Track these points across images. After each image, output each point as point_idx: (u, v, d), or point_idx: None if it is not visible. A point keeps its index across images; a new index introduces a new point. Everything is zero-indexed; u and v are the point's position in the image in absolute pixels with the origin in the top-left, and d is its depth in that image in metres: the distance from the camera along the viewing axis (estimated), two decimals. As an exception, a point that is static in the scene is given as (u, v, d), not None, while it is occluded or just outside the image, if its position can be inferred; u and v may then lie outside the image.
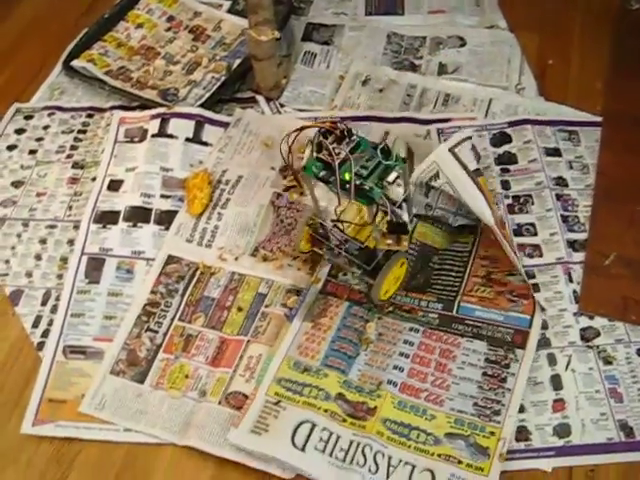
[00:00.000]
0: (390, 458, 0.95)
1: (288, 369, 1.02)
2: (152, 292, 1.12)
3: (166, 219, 1.19)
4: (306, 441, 0.96)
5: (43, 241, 1.21)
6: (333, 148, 0.90)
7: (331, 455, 0.95)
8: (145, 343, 1.07)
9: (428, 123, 1.28)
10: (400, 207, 0.97)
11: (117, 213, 1.21)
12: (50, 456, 1.00)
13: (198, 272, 1.13)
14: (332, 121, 0.92)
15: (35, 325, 1.11)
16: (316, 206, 1.04)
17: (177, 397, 1.01)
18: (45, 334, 1.10)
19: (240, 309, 1.08)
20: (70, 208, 1.25)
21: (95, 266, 1.16)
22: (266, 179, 1.22)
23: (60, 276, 1.16)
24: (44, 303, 1.13)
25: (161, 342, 1.07)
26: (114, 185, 1.25)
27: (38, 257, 1.19)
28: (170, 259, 1.15)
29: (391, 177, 0.91)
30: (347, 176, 0.90)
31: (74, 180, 1.29)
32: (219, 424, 0.98)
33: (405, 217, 0.99)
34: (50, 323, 1.11)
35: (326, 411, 0.98)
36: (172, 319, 1.09)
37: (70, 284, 1.14)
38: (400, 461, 0.94)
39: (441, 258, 1.13)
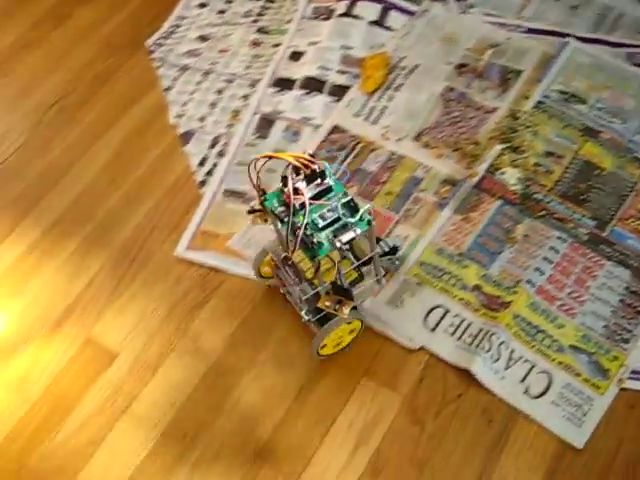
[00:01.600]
0: (512, 352, 0.96)
1: (431, 254, 1.05)
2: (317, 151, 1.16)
3: (338, 92, 1.23)
4: (437, 324, 0.99)
5: (219, 92, 1.27)
6: (295, 189, 0.81)
7: (459, 339, 0.97)
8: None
9: (619, 46, 1.24)
10: (364, 265, 0.92)
11: (293, 81, 1.25)
12: (196, 280, 1.08)
13: (360, 145, 1.16)
14: (308, 158, 0.82)
15: (201, 164, 1.18)
16: (279, 238, 0.92)
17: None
18: (209, 173, 1.17)
19: (393, 189, 1.11)
20: (249, 67, 1.30)
21: (265, 124, 1.21)
22: (441, 72, 1.23)
23: (230, 125, 1.22)
24: (212, 147, 1.20)
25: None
26: (295, 56, 1.29)
27: (213, 105, 1.26)
28: (335, 129, 1.18)
29: (345, 237, 0.82)
30: (302, 219, 0.81)
31: (256, 43, 1.33)
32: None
33: (368, 281, 0.93)
34: (215, 165, 1.17)
35: (461, 299, 1.00)
36: (327, 183, 1.12)
37: (240, 135, 1.20)
38: (521, 357, 0.96)
39: (604, 179, 1.11)
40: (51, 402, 1.02)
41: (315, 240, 0.82)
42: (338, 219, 0.83)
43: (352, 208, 0.84)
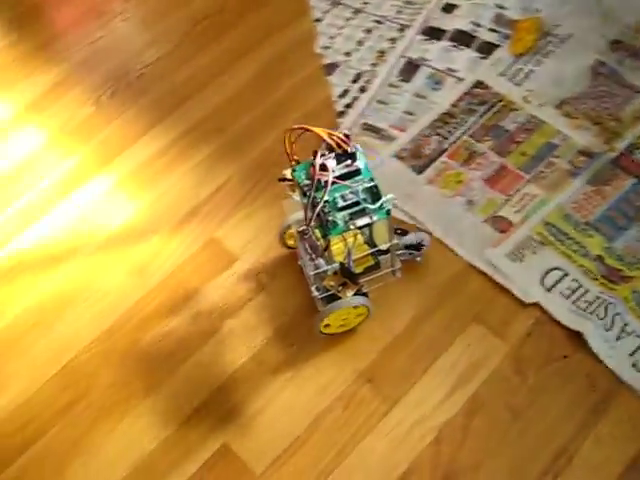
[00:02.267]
0: (626, 324, 0.96)
1: (558, 218, 1.05)
2: (453, 105, 1.17)
3: (486, 49, 1.23)
4: (554, 285, 0.99)
5: (368, 31, 1.29)
6: (322, 165, 0.81)
7: (574, 303, 0.98)
8: (432, 144, 1.13)
9: None
10: (381, 254, 0.91)
11: (443, 32, 1.26)
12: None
13: (500, 104, 1.17)
14: (342, 137, 0.82)
15: (341, 96, 1.21)
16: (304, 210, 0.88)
17: (447, 195, 1.07)
18: (348, 106, 1.19)
19: (528, 150, 1.11)
20: (399, 12, 1.31)
21: (409, 69, 1.23)
22: (594, 45, 1.22)
23: (375, 65, 1.24)
24: (354, 81, 1.23)
25: (446, 148, 1.13)
26: (448, 8, 1.30)
27: (360, 43, 1.28)
28: (478, 84, 1.19)
29: (360, 222, 0.82)
30: (326, 197, 0.81)
31: (410, -7, 1.35)
32: (478, 238, 1.04)
33: (383, 270, 0.93)
34: (355, 99, 1.20)
35: (581, 266, 1.01)
36: (463, 133, 1.14)
37: (384, 75, 1.22)
38: (634, 331, 0.96)
39: None
40: (167, 292, 1.07)
41: (330, 219, 0.82)
42: (358, 203, 0.83)
43: (375, 195, 0.83)
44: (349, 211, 0.83)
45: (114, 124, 1.27)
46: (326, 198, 0.81)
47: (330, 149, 0.83)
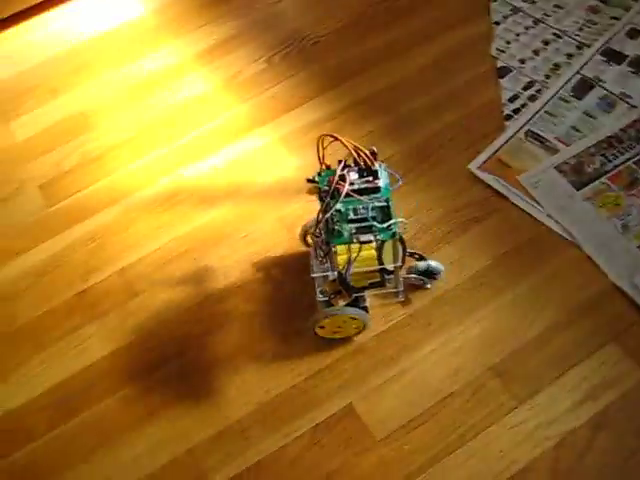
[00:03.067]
0: None
1: None
2: (622, 130, 1.18)
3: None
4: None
5: (545, 42, 1.31)
6: (342, 176, 0.84)
7: None
8: (595, 163, 1.14)
9: None
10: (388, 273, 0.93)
11: (624, 56, 1.27)
12: (477, 198, 1.13)
13: (670, 139, 1.17)
14: (368, 154, 0.85)
15: (511, 100, 1.23)
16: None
17: (603, 216, 1.08)
18: (516, 112, 1.21)
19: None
20: (580, 30, 1.32)
21: (583, 87, 1.24)
22: None
23: (548, 76, 1.26)
24: (525, 88, 1.24)
25: (609, 170, 1.13)
26: (633, 33, 1.30)
27: (535, 52, 1.29)
28: (653, 116, 1.19)
29: (363, 237, 0.85)
30: (338, 206, 0.85)
31: (594, 10, 1.35)
32: (629, 263, 1.04)
33: (387, 290, 0.96)
34: (523, 106, 1.22)
35: None
36: (628, 159, 1.14)
37: (556, 88, 1.24)
38: None
39: None
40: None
41: (337, 228, 0.85)
42: (364, 219, 0.85)
43: (386, 215, 0.86)
44: (357, 225, 0.86)
45: (283, 84, 1.32)
46: (338, 207, 0.85)
47: (356, 163, 0.86)
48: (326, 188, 0.85)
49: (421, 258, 1.03)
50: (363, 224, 0.86)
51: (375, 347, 1.01)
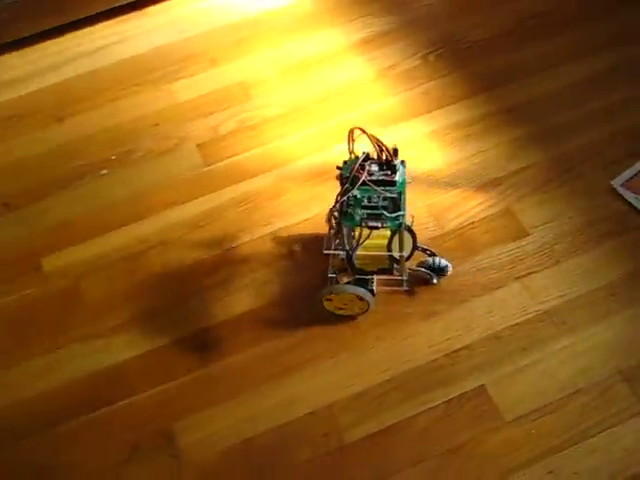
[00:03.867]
0: None
1: None
2: None
3: None
4: None
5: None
6: (362, 166, 0.92)
7: None
8: None
9: None
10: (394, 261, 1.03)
11: None
12: (616, 214, 1.19)
13: None
14: (389, 149, 0.92)
15: (657, 125, 1.27)
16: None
17: None
18: (661, 136, 1.26)
19: None
20: None
21: None
22: None
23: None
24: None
25: None
26: None
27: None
28: None
29: (371, 223, 0.95)
30: (355, 192, 0.93)
31: None
32: None
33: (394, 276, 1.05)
34: (669, 132, 1.26)
35: None
36: None
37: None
38: None
39: None
40: (458, 240, 1.18)
41: (350, 211, 0.95)
42: (376, 208, 0.94)
43: (396, 206, 0.94)
44: (369, 211, 0.95)
45: (436, 82, 1.39)
46: (355, 193, 0.93)
47: (379, 157, 0.94)
48: (347, 175, 0.94)
49: (432, 255, 1.10)
50: (374, 212, 0.96)
51: (509, 336, 1.07)
